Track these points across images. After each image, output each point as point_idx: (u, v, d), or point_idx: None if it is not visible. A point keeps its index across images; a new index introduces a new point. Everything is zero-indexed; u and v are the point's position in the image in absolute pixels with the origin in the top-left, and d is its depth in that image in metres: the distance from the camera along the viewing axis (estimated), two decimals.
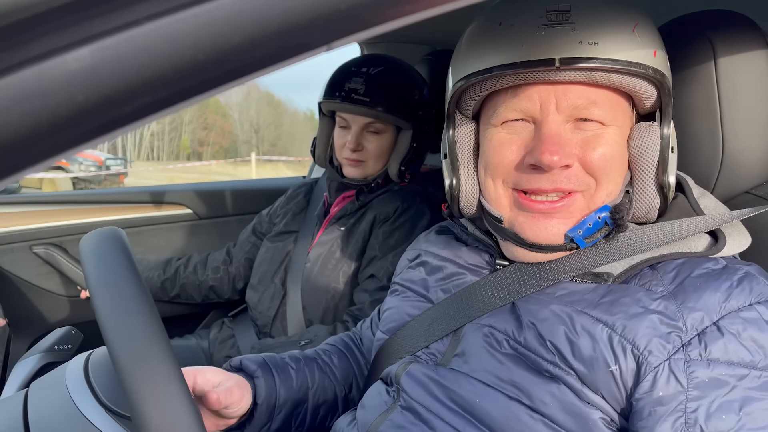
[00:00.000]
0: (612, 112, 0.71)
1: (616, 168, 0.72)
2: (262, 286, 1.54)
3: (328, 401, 0.97)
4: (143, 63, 0.27)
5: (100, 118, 0.27)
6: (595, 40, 0.66)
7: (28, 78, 0.25)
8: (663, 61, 0.71)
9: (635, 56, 0.67)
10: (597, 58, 0.66)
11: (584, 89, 0.69)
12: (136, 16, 0.27)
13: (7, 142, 0.25)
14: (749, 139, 0.80)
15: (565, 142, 0.69)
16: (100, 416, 0.59)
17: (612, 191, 0.73)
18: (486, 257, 0.84)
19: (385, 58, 1.46)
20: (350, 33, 0.32)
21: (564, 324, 0.68)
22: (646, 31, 0.69)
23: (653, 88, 0.71)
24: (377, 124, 1.40)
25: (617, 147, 0.72)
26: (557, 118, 0.70)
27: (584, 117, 0.70)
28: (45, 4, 0.26)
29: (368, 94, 1.35)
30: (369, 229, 1.42)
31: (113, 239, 0.60)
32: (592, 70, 0.67)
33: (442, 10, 0.34)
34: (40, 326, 1.85)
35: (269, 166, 23.18)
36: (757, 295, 0.64)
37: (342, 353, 1.04)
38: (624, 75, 0.68)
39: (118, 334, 0.52)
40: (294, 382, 0.93)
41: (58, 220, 1.88)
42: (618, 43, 0.66)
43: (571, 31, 0.66)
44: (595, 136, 0.70)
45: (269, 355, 0.95)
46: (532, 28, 0.67)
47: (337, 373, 0.99)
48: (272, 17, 0.29)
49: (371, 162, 1.43)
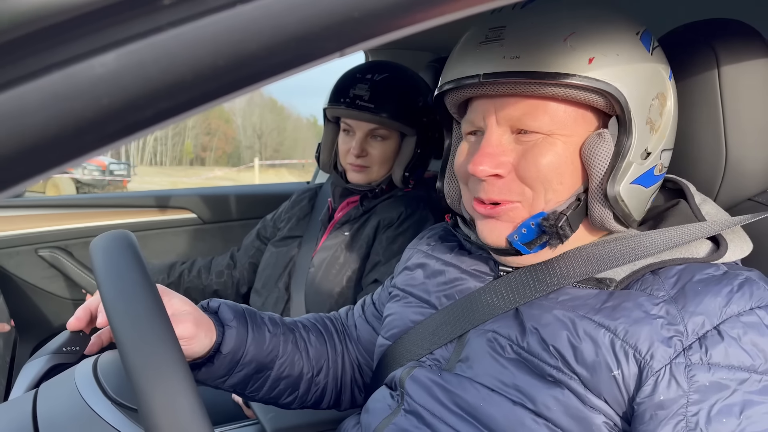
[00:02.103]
0: (554, 122, 0.70)
1: (556, 176, 0.71)
2: (266, 290, 1.54)
3: (292, 377, 0.94)
4: (165, 68, 0.28)
5: (123, 121, 0.28)
6: (517, 54, 0.68)
7: (56, 82, 0.26)
8: (607, 68, 0.67)
9: (561, 66, 0.66)
10: (514, 72, 0.68)
11: (520, 101, 0.71)
12: (159, 23, 0.28)
13: (35, 144, 0.26)
14: (752, 147, 0.81)
15: (497, 153, 0.72)
16: (111, 413, 0.59)
17: (551, 199, 0.72)
18: (490, 264, 0.84)
19: (390, 65, 1.47)
20: (363, 40, 0.33)
21: (567, 329, 0.68)
22: (584, 40, 0.67)
23: (596, 96, 0.68)
24: (382, 130, 1.40)
25: (558, 156, 0.71)
26: (498, 130, 0.73)
27: (522, 128, 0.71)
28: (72, 11, 0.27)
29: (373, 100, 1.36)
30: (373, 234, 1.42)
31: (124, 242, 0.61)
32: (511, 83, 0.69)
33: (452, 18, 0.35)
34: (45, 329, 1.86)
35: (272, 171, 23.21)
36: (757, 299, 0.64)
37: (320, 334, 1.01)
38: (550, 86, 0.68)
39: (129, 336, 0.53)
40: (265, 345, 0.90)
41: (64, 224, 1.90)
42: (541, 55, 0.67)
43: (499, 47, 0.69)
44: (534, 146, 0.71)
45: (250, 309, 0.93)
46: (472, 46, 0.72)
47: (311, 352, 0.96)
48: (288, 25, 0.30)
49: (375, 167, 1.44)
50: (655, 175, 0.74)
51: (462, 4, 0.34)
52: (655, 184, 0.75)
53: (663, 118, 0.72)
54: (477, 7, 0.35)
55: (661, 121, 0.72)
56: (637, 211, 0.73)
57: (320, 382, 0.98)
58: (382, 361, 0.91)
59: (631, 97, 0.67)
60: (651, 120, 0.70)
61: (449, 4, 0.34)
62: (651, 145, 0.71)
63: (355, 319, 1.05)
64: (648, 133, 0.70)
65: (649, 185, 0.73)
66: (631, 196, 0.71)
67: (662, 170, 0.75)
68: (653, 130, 0.71)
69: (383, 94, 1.37)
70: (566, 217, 0.71)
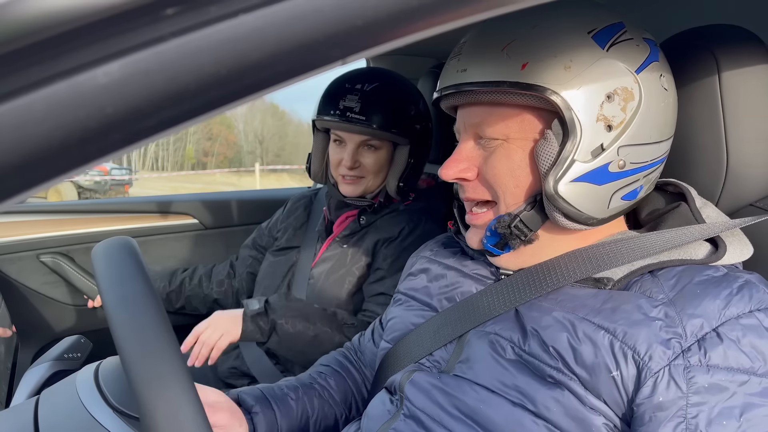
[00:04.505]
0: (508, 127, 0.74)
1: (512, 180, 0.75)
2: None
3: (329, 427, 0.98)
4: (168, 77, 0.28)
5: (127, 130, 0.28)
6: (464, 67, 0.73)
7: (61, 91, 0.26)
8: (541, 71, 0.69)
9: (496, 74, 0.70)
10: (460, 84, 0.74)
11: (476, 110, 0.77)
12: (162, 33, 0.28)
13: (40, 153, 0.26)
14: (753, 153, 0.81)
15: (461, 159, 0.79)
16: (112, 420, 0.59)
17: (510, 202, 0.76)
18: (492, 268, 0.85)
19: (380, 73, 1.44)
20: (366, 48, 0.33)
21: (566, 331, 0.69)
22: (521, 47, 0.70)
23: (533, 99, 0.70)
24: (374, 140, 1.38)
25: (512, 161, 0.74)
26: (466, 137, 0.79)
27: (482, 135, 0.77)
28: (76, 21, 0.27)
29: (363, 111, 1.33)
30: (372, 248, 1.41)
31: (126, 249, 0.61)
32: (465, 94, 0.76)
33: (452, 26, 0.35)
34: (47, 335, 1.86)
35: (273, 176, 23.24)
36: (756, 302, 0.64)
37: (338, 374, 1.04)
38: (491, 93, 0.73)
39: (131, 343, 0.53)
40: (295, 413, 0.94)
41: (65, 230, 1.90)
42: (481, 66, 0.72)
43: (456, 62, 0.75)
44: (493, 152, 0.76)
45: (267, 388, 0.96)
46: (449, 62, 0.77)
47: (336, 396, 1.00)
48: (292, 34, 0.30)
49: (369, 178, 1.42)
50: (611, 172, 0.71)
51: (462, 13, 0.35)
52: (614, 181, 0.72)
53: (627, 113, 0.70)
54: (476, 15, 0.35)
55: (624, 116, 0.70)
56: (593, 209, 0.72)
57: (354, 414, 1.01)
58: (382, 364, 0.91)
59: (571, 96, 0.68)
60: (605, 117, 0.69)
61: (450, 13, 0.34)
62: (607, 142, 0.70)
63: (365, 344, 1.07)
64: (603, 131, 0.70)
65: (602, 182, 0.71)
66: (578, 195, 0.71)
67: (624, 167, 0.72)
68: (611, 126, 0.70)
69: (374, 104, 1.34)
70: (520, 218, 0.74)
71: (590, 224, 0.74)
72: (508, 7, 0.37)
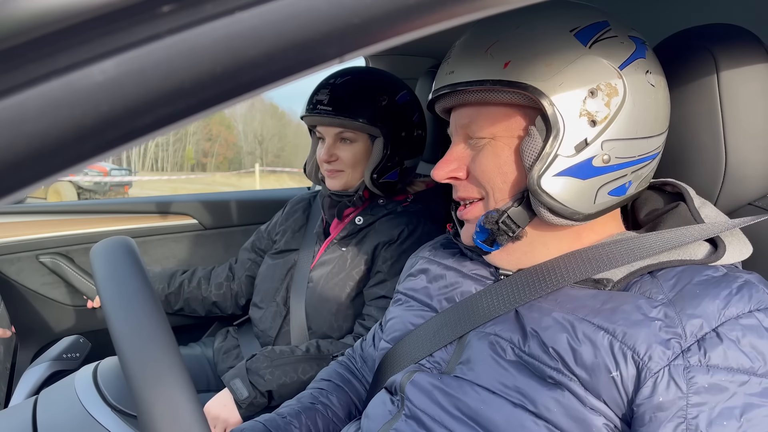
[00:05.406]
0: (494, 126, 0.75)
1: (499, 176, 0.76)
2: (265, 304, 1.53)
3: None
4: (164, 75, 0.28)
5: (123, 128, 0.28)
6: (452, 69, 0.76)
7: (56, 89, 0.26)
8: (523, 69, 0.70)
9: (480, 74, 0.72)
10: (447, 85, 0.76)
11: (464, 110, 0.79)
12: (158, 30, 0.28)
13: (35, 151, 0.26)
14: (752, 152, 0.81)
15: (451, 160, 0.81)
16: (110, 419, 0.59)
17: (499, 198, 0.77)
18: (491, 268, 0.85)
19: (357, 69, 1.46)
20: (362, 46, 0.33)
21: (566, 331, 0.69)
22: (504, 47, 0.71)
23: (516, 96, 0.72)
24: (348, 132, 1.39)
25: (499, 158, 0.76)
26: (457, 138, 0.81)
27: (471, 135, 0.78)
28: (71, 19, 0.27)
29: (331, 103, 1.36)
30: (372, 251, 1.41)
31: (124, 248, 0.61)
32: (453, 95, 0.78)
33: (450, 24, 0.35)
34: (46, 335, 1.86)
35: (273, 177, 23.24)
36: (756, 302, 0.64)
37: (339, 388, 1.04)
38: (476, 93, 0.75)
39: (130, 343, 0.53)
40: None
41: (65, 230, 1.90)
42: (467, 67, 0.74)
43: (447, 65, 0.77)
44: (481, 150, 0.78)
45: (270, 420, 0.95)
46: (440, 66, 0.79)
47: (340, 413, 1.00)
48: (288, 32, 0.30)
49: (348, 171, 1.43)
50: (595, 166, 0.71)
51: (459, 11, 0.35)
52: (599, 176, 0.72)
53: (611, 109, 0.70)
54: (474, 14, 0.35)
55: (608, 111, 0.70)
56: (578, 204, 0.72)
57: None
58: (382, 364, 0.91)
59: (553, 92, 0.69)
60: (589, 112, 0.70)
61: (447, 11, 0.34)
62: (591, 137, 0.70)
63: (367, 350, 1.07)
64: (586, 126, 0.70)
65: (587, 177, 0.71)
66: (561, 189, 0.71)
67: (609, 162, 0.72)
68: (595, 122, 0.70)
69: (341, 96, 1.37)
70: (507, 214, 0.76)
71: (576, 219, 0.73)
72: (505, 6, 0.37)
